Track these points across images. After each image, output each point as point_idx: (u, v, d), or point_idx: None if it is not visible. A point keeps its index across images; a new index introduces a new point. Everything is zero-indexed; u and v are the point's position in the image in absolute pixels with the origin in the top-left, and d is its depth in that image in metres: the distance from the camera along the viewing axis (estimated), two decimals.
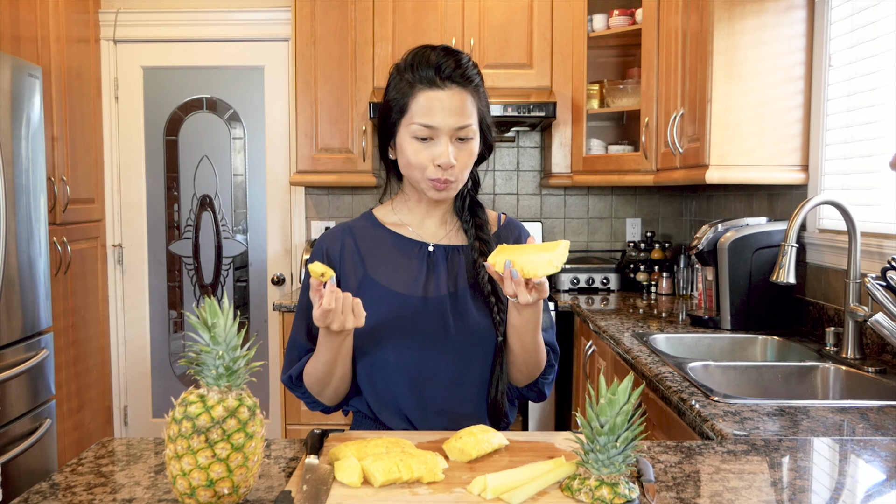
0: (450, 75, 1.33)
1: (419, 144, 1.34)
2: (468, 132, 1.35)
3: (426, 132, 1.33)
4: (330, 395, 1.40)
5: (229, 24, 3.82)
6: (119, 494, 1.05)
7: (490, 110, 1.44)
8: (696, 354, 2.30)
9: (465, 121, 1.34)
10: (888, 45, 2.08)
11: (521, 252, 1.22)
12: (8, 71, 2.64)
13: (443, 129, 1.33)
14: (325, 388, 1.38)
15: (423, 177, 1.36)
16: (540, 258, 1.20)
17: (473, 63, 1.39)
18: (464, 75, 1.35)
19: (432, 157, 1.34)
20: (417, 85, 1.34)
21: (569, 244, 1.22)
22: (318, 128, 3.50)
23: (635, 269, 3.62)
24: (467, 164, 1.37)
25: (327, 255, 1.43)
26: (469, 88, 1.36)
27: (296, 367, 1.41)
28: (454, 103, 1.33)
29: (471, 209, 1.46)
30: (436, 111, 1.33)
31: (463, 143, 1.35)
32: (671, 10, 2.92)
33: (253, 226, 3.94)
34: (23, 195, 2.71)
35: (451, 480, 1.06)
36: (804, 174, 2.50)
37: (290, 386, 1.43)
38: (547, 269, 1.19)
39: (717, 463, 1.18)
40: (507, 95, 3.39)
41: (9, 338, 2.62)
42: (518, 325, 1.35)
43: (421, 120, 1.33)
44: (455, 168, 1.34)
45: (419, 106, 1.34)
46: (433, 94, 1.33)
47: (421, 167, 1.35)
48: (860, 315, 1.91)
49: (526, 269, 1.20)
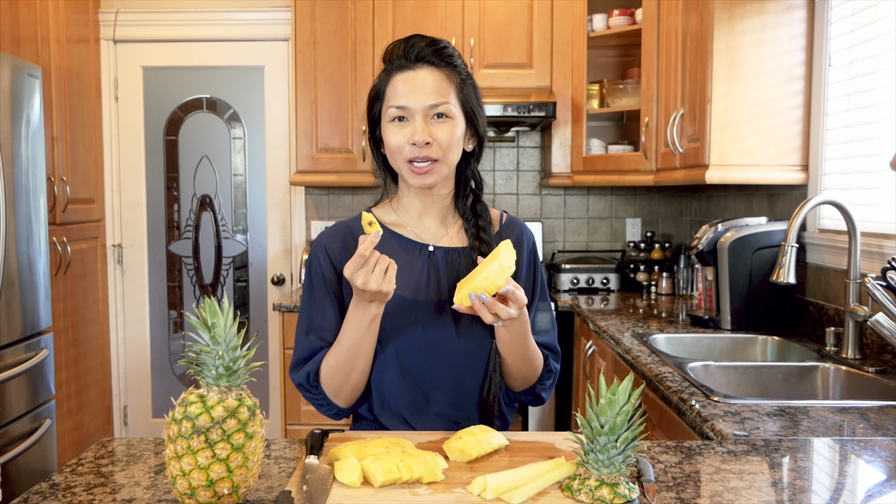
0: (419, 55, 1.33)
1: (396, 127, 1.34)
2: (444, 109, 1.33)
3: (399, 112, 1.33)
4: (348, 392, 1.35)
5: (229, 24, 3.82)
6: (119, 495, 1.05)
7: (479, 100, 1.41)
8: (696, 354, 2.30)
9: (439, 98, 1.33)
10: (888, 45, 2.08)
11: (475, 276, 1.23)
12: (8, 71, 2.64)
13: (415, 108, 1.32)
14: (346, 383, 1.34)
15: (403, 161, 1.34)
16: (490, 270, 1.21)
17: (455, 50, 1.38)
18: (436, 53, 1.34)
19: (407, 137, 1.33)
20: (393, 72, 1.35)
21: (508, 242, 1.24)
22: (318, 128, 3.50)
23: (635, 269, 3.62)
24: (449, 142, 1.34)
25: (327, 252, 1.41)
26: (444, 69, 1.34)
27: (312, 364, 1.36)
28: (426, 82, 1.33)
29: (473, 209, 1.45)
30: (407, 92, 1.32)
31: (440, 121, 1.33)
32: (671, 10, 2.92)
33: (253, 226, 3.94)
34: (23, 195, 2.71)
35: (451, 480, 1.06)
36: (804, 174, 2.50)
37: (306, 386, 1.37)
38: (502, 274, 1.21)
39: (717, 463, 1.18)
40: (507, 95, 3.39)
41: (9, 338, 2.61)
42: (507, 341, 1.34)
43: (394, 102, 1.33)
44: (433, 145, 1.32)
45: (393, 90, 1.34)
46: (404, 76, 1.34)
47: (399, 149, 1.34)
48: (860, 315, 1.91)
49: (487, 287, 1.21)
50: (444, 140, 1.33)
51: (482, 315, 1.23)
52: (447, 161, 1.35)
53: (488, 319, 1.23)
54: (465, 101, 1.37)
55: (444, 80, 1.34)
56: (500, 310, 1.22)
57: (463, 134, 1.38)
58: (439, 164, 1.34)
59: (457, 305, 1.25)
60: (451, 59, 1.36)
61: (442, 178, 1.37)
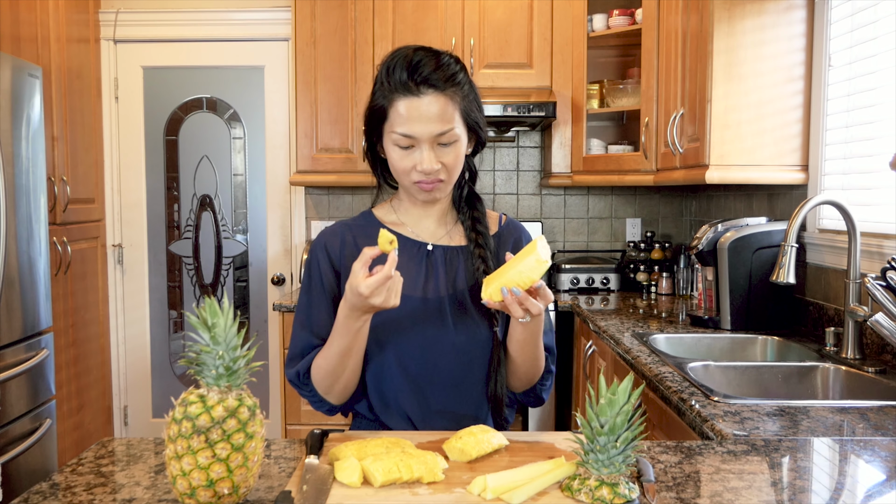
0: (425, 79, 1.30)
1: (402, 151, 1.33)
2: (450, 136, 1.32)
3: (406, 141, 1.32)
4: (339, 391, 1.36)
5: (229, 24, 3.82)
6: (119, 494, 1.05)
7: (480, 105, 1.40)
8: (696, 354, 2.30)
9: (445, 126, 1.31)
10: (888, 45, 2.08)
11: (507, 270, 1.21)
12: (8, 71, 2.64)
13: (422, 138, 1.31)
14: (336, 383, 1.35)
15: (409, 182, 1.35)
16: (526, 264, 1.19)
17: (455, 60, 1.35)
18: (442, 77, 1.31)
19: (414, 163, 1.33)
20: (395, 92, 1.31)
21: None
22: (318, 128, 3.50)
23: (635, 269, 3.62)
24: (454, 164, 1.35)
25: (327, 250, 1.42)
26: (448, 91, 1.32)
27: (303, 364, 1.37)
28: (432, 110, 1.30)
29: (468, 201, 1.46)
30: (413, 120, 1.30)
31: (447, 147, 1.33)
32: (671, 10, 2.92)
33: (253, 226, 3.94)
34: (23, 195, 2.71)
35: (451, 480, 1.06)
36: (804, 174, 2.50)
37: (297, 384, 1.39)
38: (538, 268, 1.18)
39: (717, 463, 1.18)
40: (507, 95, 3.39)
41: (9, 338, 2.61)
42: (522, 339, 1.34)
43: (400, 129, 1.31)
44: (441, 170, 1.33)
45: (397, 115, 1.31)
46: (409, 103, 1.30)
47: (405, 172, 1.34)
48: (860, 315, 1.91)
49: (521, 281, 1.19)
50: (450, 164, 1.34)
51: (512, 310, 1.22)
52: (452, 179, 1.38)
53: (518, 315, 1.22)
54: (468, 116, 1.36)
55: (448, 105, 1.32)
56: (531, 305, 1.21)
57: (466, 145, 1.38)
58: (445, 184, 1.37)
59: (486, 300, 1.23)
60: (454, 79, 1.33)
61: (446, 193, 1.40)
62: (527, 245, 1.22)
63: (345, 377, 1.35)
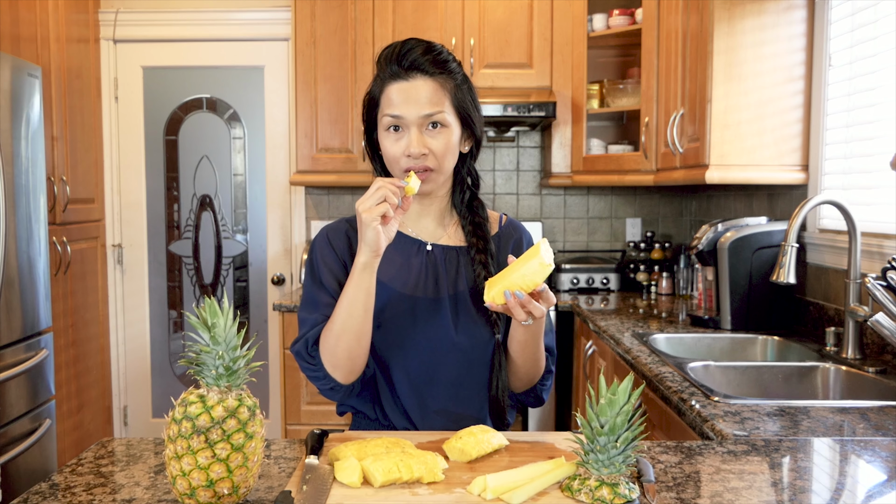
0: (414, 63, 1.33)
1: (392, 136, 1.35)
2: (439, 118, 1.33)
3: (394, 122, 1.33)
4: (344, 361, 1.29)
5: (229, 24, 3.82)
6: (119, 495, 1.05)
7: (475, 101, 1.40)
8: (696, 354, 2.30)
9: (432, 108, 1.32)
10: (888, 44, 2.08)
11: (510, 273, 1.21)
12: (8, 71, 2.64)
13: (409, 119, 1.32)
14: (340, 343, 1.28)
15: (400, 170, 1.35)
16: (529, 268, 1.19)
17: (450, 54, 1.38)
18: (432, 62, 1.33)
19: (403, 149, 1.33)
20: (387, 79, 1.35)
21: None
22: (318, 128, 3.50)
23: (635, 269, 3.62)
24: (445, 151, 1.34)
25: (330, 242, 1.42)
26: (438, 77, 1.34)
27: (312, 333, 1.33)
28: (420, 92, 1.33)
29: (470, 206, 1.45)
30: (401, 101, 1.33)
31: (436, 131, 1.34)
32: (671, 10, 2.92)
33: (253, 226, 3.94)
34: (23, 195, 2.71)
35: (451, 480, 1.06)
36: (804, 174, 2.49)
37: (303, 355, 1.33)
38: (541, 271, 1.18)
39: (718, 463, 1.17)
40: (507, 95, 3.39)
41: (8, 338, 2.61)
42: (524, 341, 1.34)
43: (388, 111, 1.34)
44: (430, 155, 1.33)
45: (387, 99, 1.34)
46: (398, 86, 1.33)
47: (396, 159, 1.35)
48: (860, 315, 1.91)
49: (524, 285, 1.19)
50: (439, 150, 1.34)
51: (515, 313, 1.22)
52: (443, 169, 1.36)
53: (521, 318, 1.22)
54: (460, 106, 1.37)
55: (438, 89, 1.34)
56: (534, 308, 1.21)
57: (459, 139, 1.38)
58: (435, 174, 1.35)
59: (489, 303, 1.23)
60: (445, 66, 1.35)
61: (438, 184, 1.39)
62: (530, 248, 1.22)
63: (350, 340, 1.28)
